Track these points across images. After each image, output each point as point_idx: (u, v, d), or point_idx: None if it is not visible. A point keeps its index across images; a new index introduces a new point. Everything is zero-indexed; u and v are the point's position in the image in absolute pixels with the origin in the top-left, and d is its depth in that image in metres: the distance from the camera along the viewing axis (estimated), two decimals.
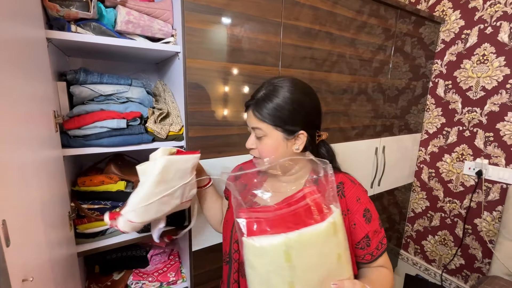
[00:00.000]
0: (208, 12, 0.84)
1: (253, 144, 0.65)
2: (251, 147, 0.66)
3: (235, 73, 0.94)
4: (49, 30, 0.67)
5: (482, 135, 1.54)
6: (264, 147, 0.64)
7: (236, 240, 0.63)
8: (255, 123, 0.63)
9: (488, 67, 1.48)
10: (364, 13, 1.28)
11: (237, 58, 0.93)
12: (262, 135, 0.63)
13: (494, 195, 1.52)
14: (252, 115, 0.63)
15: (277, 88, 0.61)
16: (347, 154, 1.39)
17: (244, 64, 0.95)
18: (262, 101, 0.61)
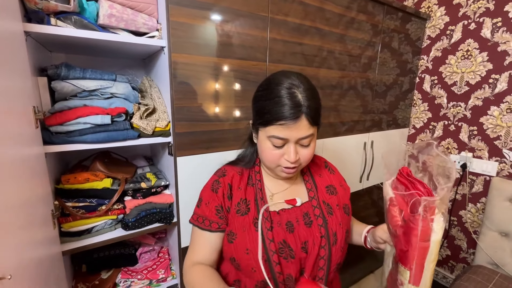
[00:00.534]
0: (194, 6, 0.83)
1: (298, 156, 0.60)
2: (296, 160, 0.60)
3: (222, 68, 0.93)
4: (27, 23, 0.65)
5: (466, 129, 1.58)
6: (311, 153, 0.62)
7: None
8: (308, 130, 0.58)
9: (472, 62, 1.51)
10: (352, 9, 1.29)
11: (224, 53, 0.92)
12: (310, 141, 0.60)
13: (478, 187, 1.57)
14: (306, 124, 0.56)
15: (310, 85, 0.59)
16: (336, 149, 1.41)
17: (231, 59, 0.94)
18: (313, 103, 0.57)
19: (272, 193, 0.69)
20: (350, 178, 1.54)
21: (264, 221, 0.62)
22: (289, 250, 0.61)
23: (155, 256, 1.10)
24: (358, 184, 1.60)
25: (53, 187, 0.79)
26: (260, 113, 0.60)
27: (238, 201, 0.65)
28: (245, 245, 0.61)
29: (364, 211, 1.73)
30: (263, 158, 0.64)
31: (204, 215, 0.66)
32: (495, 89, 1.44)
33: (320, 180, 0.74)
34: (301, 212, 0.67)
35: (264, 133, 0.60)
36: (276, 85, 0.57)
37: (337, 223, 0.66)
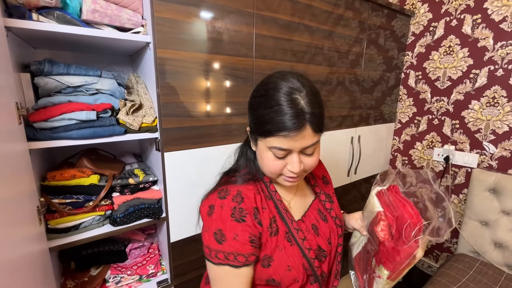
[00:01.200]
0: (179, 2, 0.84)
1: (301, 166, 0.55)
2: (300, 170, 0.55)
3: (209, 64, 0.94)
4: (8, 18, 0.64)
5: (449, 122, 1.63)
6: (315, 161, 0.58)
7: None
8: (313, 139, 0.53)
9: (454, 58, 1.56)
10: (339, 6, 1.31)
11: (210, 49, 0.93)
12: (315, 149, 0.56)
13: (460, 179, 1.62)
14: (310, 132, 0.51)
15: (312, 87, 0.53)
16: (324, 143, 1.43)
17: (218, 55, 0.95)
18: (317, 109, 0.52)
19: (288, 201, 0.65)
20: (338, 172, 1.57)
21: (296, 232, 0.59)
22: (322, 252, 0.63)
23: (145, 252, 1.10)
24: (346, 178, 1.64)
25: (38, 184, 0.79)
26: (259, 123, 0.54)
27: (269, 222, 0.58)
28: (286, 263, 0.57)
29: (352, 205, 1.77)
30: (264, 168, 0.59)
31: (236, 251, 0.54)
32: (475, 83, 1.49)
33: (315, 172, 0.75)
34: (315, 211, 0.68)
35: (265, 143, 0.54)
36: (275, 91, 0.51)
37: (338, 209, 0.71)
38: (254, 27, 1.02)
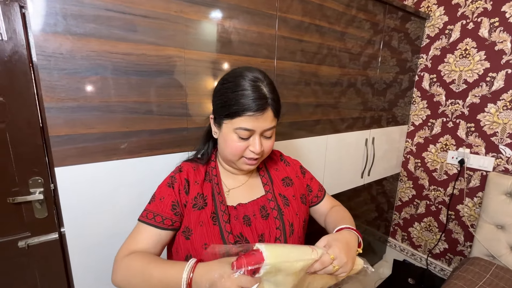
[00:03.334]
0: (204, 4, 0.85)
1: (262, 147, 0.62)
2: (261, 151, 0.62)
3: (231, 64, 0.95)
4: None
5: (464, 126, 1.63)
6: (272, 144, 0.65)
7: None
8: (272, 122, 0.61)
9: (470, 61, 1.56)
10: (353, 7, 1.32)
11: (232, 50, 0.94)
12: (272, 133, 0.64)
13: (475, 182, 1.62)
14: (271, 115, 0.60)
15: (271, 80, 0.62)
16: (338, 145, 1.44)
17: (241, 56, 0.97)
18: (276, 96, 0.61)
19: (228, 189, 0.70)
20: (351, 174, 1.58)
21: (221, 215, 0.62)
22: (245, 242, 0.62)
23: None
24: (360, 179, 1.64)
25: None
26: (226, 105, 0.59)
27: (195, 196, 0.64)
28: (203, 239, 0.60)
29: (364, 206, 1.77)
30: (227, 150, 0.63)
31: (156, 210, 0.62)
32: (492, 87, 1.49)
33: (275, 174, 0.76)
34: (258, 206, 0.68)
35: (230, 125, 0.60)
36: (242, 78, 0.59)
37: (293, 213, 0.69)
38: (276, 29, 1.03)
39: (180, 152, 0.90)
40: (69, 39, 0.66)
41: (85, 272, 0.80)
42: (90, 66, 0.70)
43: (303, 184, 0.79)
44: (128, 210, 0.83)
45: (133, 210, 0.83)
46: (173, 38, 0.81)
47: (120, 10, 0.72)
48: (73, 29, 0.66)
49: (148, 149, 0.84)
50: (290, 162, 0.81)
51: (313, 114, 1.28)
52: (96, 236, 0.79)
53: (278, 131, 1.14)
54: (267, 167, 0.77)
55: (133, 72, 0.76)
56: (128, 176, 0.81)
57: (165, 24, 0.79)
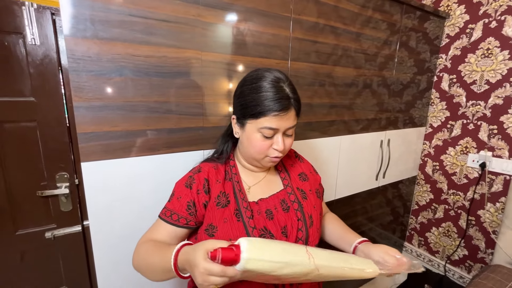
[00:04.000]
0: (223, 8, 0.88)
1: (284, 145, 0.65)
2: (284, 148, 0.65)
3: (246, 65, 0.98)
4: None
5: (486, 128, 1.57)
6: (292, 141, 0.68)
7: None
8: (294, 120, 0.64)
9: (493, 60, 1.50)
10: (369, 8, 1.31)
11: (248, 52, 0.97)
12: (292, 132, 0.67)
13: (497, 187, 1.55)
14: (293, 114, 0.63)
15: (290, 80, 0.65)
16: (352, 146, 1.43)
17: (256, 58, 0.99)
18: (297, 95, 0.64)
19: (249, 186, 0.72)
20: (366, 175, 1.56)
21: (244, 211, 0.65)
22: (270, 235, 0.65)
23: None
24: (374, 182, 1.62)
25: None
26: (250, 106, 0.61)
27: (218, 194, 0.67)
28: (228, 235, 0.62)
29: (377, 209, 1.74)
30: (252, 150, 0.66)
31: (173, 209, 0.66)
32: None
33: (292, 169, 0.79)
34: (278, 200, 0.70)
35: (255, 125, 0.62)
36: (264, 80, 0.61)
37: (311, 206, 0.72)
38: (291, 30, 1.05)
39: (196, 150, 0.93)
40: (96, 43, 0.71)
41: (107, 263, 0.84)
42: (115, 68, 0.74)
43: (316, 179, 0.82)
44: (148, 204, 0.87)
45: (152, 205, 0.87)
46: (192, 40, 0.85)
47: (143, 15, 0.76)
48: (100, 34, 0.71)
49: (166, 146, 0.88)
50: (303, 159, 0.85)
51: (327, 115, 1.28)
52: (118, 229, 0.84)
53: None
54: (284, 163, 0.80)
55: (154, 74, 0.81)
56: (147, 172, 0.85)
57: (184, 27, 0.83)
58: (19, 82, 1.03)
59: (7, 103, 1.03)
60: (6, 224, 1.11)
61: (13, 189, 1.09)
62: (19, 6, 0.97)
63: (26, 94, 1.04)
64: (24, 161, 1.08)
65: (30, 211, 1.13)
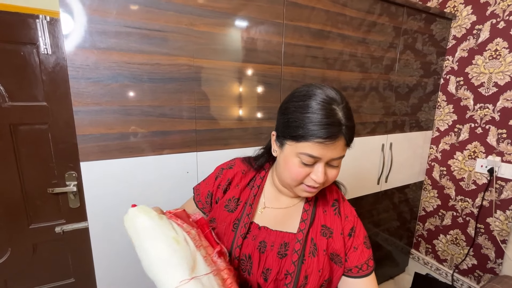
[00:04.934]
0: (214, 17, 0.93)
1: (325, 177, 0.55)
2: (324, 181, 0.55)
3: (240, 71, 1.01)
4: None
5: (494, 132, 1.51)
6: (337, 173, 0.57)
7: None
8: (343, 151, 0.54)
9: (501, 62, 1.45)
10: (374, 11, 1.31)
11: (241, 58, 1.01)
12: (338, 163, 0.56)
13: (507, 194, 1.48)
14: (342, 144, 0.53)
15: (349, 106, 0.54)
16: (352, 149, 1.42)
17: (248, 63, 1.03)
18: (352, 123, 0.53)
19: (265, 206, 0.66)
20: (367, 179, 1.54)
21: (241, 226, 0.62)
22: (249, 265, 0.59)
23: None
24: (376, 186, 1.59)
25: None
26: (293, 126, 0.53)
27: (230, 198, 0.66)
28: (220, 236, 0.63)
29: (380, 214, 1.71)
30: (285, 174, 0.57)
31: (199, 189, 0.73)
32: None
33: (320, 216, 0.65)
34: (281, 240, 0.61)
35: (294, 148, 0.53)
36: (314, 99, 0.51)
37: (316, 268, 0.58)
38: (283, 36, 1.08)
39: (190, 152, 0.98)
40: (94, 53, 0.77)
41: (105, 259, 0.90)
42: (111, 75, 0.81)
43: (345, 244, 0.63)
44: (142, 201, 0.92)
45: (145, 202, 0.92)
46: (184, 48, 0.90)
47: (137, 26, 0.82)
48: (98, 44, 0.78)
49: (161, 148, 0.93)
50: (342, 214, 0.66)
51: None
52: (115, 226, 0.90)
53: None
54: (316, 204, 0.66)
55: (148, 80, 0.86)
56: (142, 172, 0.91)
57: (176, 36, 0.88)
58: (33, 88, 1.12)
59: (23, 107, 1.12)
60: (21, 218, 1.20)
61: (27, 186, 1.18)
62: (34, 19, 1.07)
63: (39, 99, 1.14)
64: (36, 160, 1.18)
65: (41, 206, 1.23)
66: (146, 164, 0.91)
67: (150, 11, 0.83)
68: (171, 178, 0.96)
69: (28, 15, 1.06)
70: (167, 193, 0.96)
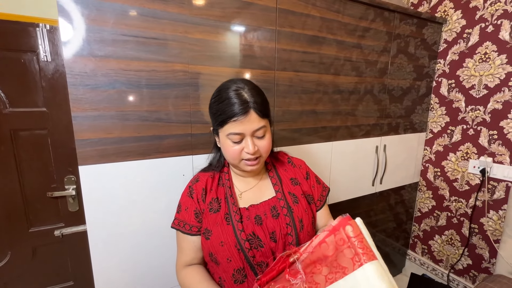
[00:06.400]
0: (208, 25, 0.96)
1: (256, 147, 0.67)
2: (255, 151, 0.67)
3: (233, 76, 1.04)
4: None
5: (486, 133, 1.54)
6: (268, 143, 0.69)
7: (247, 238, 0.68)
8: (259, 122, 0.66)
9: (490, 65, 1.48)
10: (367, 17, 1.35)
11: (236, 64, 1.04)
12: (264, 132, 0.68)
13: (499, 194, 1.51)
14: (255, 116, 0.65)
15: (254, 85, 0.69)
16: (344, 152, 1.45)
17: (242, 69, 1.06)
18: (258, 98, 0.66)
19: (240, 192, 0.76)
20: (362, 181, 1.57)
21: (234, 215, 0.69)
22: (258, 240, 0.68)
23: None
24: (371, 187, 1.62)
25: None
26: (216, 116, 0.67)
27: (210, 201, 0.72)
28: (220, 238, 0.68)
29: (377, 215, 1.73)
30: (227, 156, 0.70)
31: (184, 220, 0.74)
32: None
33: (284, 174, 0.81)
34: (268, 207, 0.73)
35: (223, 133, 0.67)
36: (225, 90, 0.66)
37: (302, 210, 0.74)
38: (276, 42, 1.11)
39: (185, 155, 1.00)
40: (92, 60, 0.80)
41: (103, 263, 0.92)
42: (108, 82, 0.84)
43: (309, 185, 0.82)
44: (141, 206, 0.95)
45: (143, 204, 0.95)
46: (179, 55, 0.93)
47: (134, 35, 0.85)
48: (95, 52, 0.81)
49: (157, 152, 0.95)
50: (296, 163, 0.85)
51: (320, 120, 1.32)
52: (113, 229, 0.92)
53: (283, 136, 1.21)
54: (276, 168, 0.82)
55: (145, 86, 0.89)
56: (139, 175, 0.93)
57: (172, 43, 0.91)
58: (33, 94, 1.15)
59: (23, 113, 1.15)
60: (21, 221, 1.23)
61: (27, 190, 1.21)
62: (34, 28, 1.10)
63: (39, 105, 1.17)
64: (36, 165, 1.20)
65: (41, 210, 1.25)
66: (143, 167, 0.93)
67: (146, 20, 0.86)
68: (167, 181, 0.98)
69: (28, 23, 1.09)
70: (164, 194, 0.98)
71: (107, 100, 0.84)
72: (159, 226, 0.99)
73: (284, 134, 1.22)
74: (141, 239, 0.97)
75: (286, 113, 1.21)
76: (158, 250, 1.00)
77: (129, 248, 0.95)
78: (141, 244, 0.97)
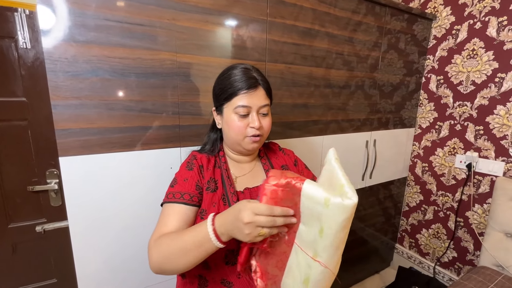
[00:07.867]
0: (197, 12, 0.93)
1: (261, 123, 0.70)
2: (260, 126, 0.70)
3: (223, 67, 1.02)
4: None
5: (472, 128, 1.57)
6: (270, 123, 0.74)
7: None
8: (266, 99, 0.71)
9: (478, 61, 1.51)
10: (359, 11, 1.34)
11: (226, 54, 1.01)
12: (268, 111, 0.73)
13: (484, 188, 1.54)
14: (263, 93, 0.70)
15: (259, 70, 0.74)
16: (335, 146, 1.45)
17: (232, 59, 1.03)
18: (265, 79, 0.72)
19: (235, 177, 0.78)
20: (352, 176, 1.57)
21: (231, 196, 0.71)
22: None
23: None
24: (360, 182, 1.63)
25: None
26: (224, 91, 0.70)
27: (208, 179, 0.72)
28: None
29: (366, 210, 1.75)
30: (231, 133, 0.71)
31: (183, 190, 0.67)
32: (501, 88, 1.43)
33: (276, 161, 0.85)
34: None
35: (230, 107, 0.69)
36: (235, 68, 0.71)
37: None
38: (267, 33, 1.09)
39: (173, 147, 0.98)
40: (73, 46, 0.76)
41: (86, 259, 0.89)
42: (91, 69, 0.80)
43: (298, 171, 0.87)
44: (125, 198, 0.92)
45: (129, 198, 0.92)
46: (167, 43, 0.90)
47: (118, 20, 0.81)
48: (76, 37, 0.76)
49: (143, 143, 0.92)
50: (286, 152, 0.90)
51: (310, 114, 1.31)
52: (96, 224, 0.88)
53: (274, 130, 1.19)
54: (268, 156, 0.86)
55: (130, 74, 0.85)
56: (125, 167, 0.90)
57: (159, 31, 0.88)
58: (12, 83, 1.10)
59: (1, 103, 1.09)
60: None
61: (6, 184, 1.15)
62: (12, 12, 1.04)
63: (18, 94, 1.11)
64: (16, 157, 1.15)
65: (21, 205, 1.20)
66: (128, 159, 0.90)
67: (132, 5, 0.82)
68: (154, 173, 0.95)
69: (6, 8, 1.03)
70: (150, 188, 0.95)
71: (89, 88, 0.80)
72: (146, 221, 0.96)
73: (275, 128, 1.21)
74: (125, 234, 0.94)
75: (277, 106, 1.19)
76: (144, 245, 0.97)
77: (113, 244, 0.92)
78: (125, 239, 0.94)
